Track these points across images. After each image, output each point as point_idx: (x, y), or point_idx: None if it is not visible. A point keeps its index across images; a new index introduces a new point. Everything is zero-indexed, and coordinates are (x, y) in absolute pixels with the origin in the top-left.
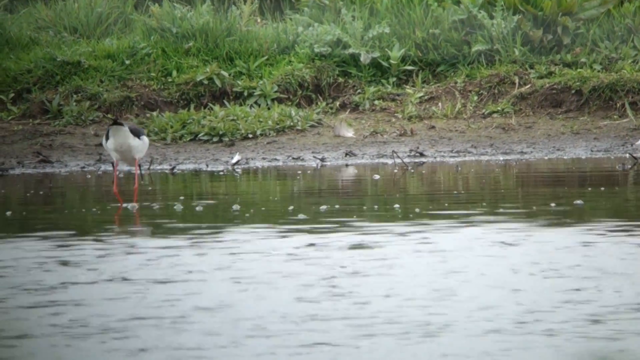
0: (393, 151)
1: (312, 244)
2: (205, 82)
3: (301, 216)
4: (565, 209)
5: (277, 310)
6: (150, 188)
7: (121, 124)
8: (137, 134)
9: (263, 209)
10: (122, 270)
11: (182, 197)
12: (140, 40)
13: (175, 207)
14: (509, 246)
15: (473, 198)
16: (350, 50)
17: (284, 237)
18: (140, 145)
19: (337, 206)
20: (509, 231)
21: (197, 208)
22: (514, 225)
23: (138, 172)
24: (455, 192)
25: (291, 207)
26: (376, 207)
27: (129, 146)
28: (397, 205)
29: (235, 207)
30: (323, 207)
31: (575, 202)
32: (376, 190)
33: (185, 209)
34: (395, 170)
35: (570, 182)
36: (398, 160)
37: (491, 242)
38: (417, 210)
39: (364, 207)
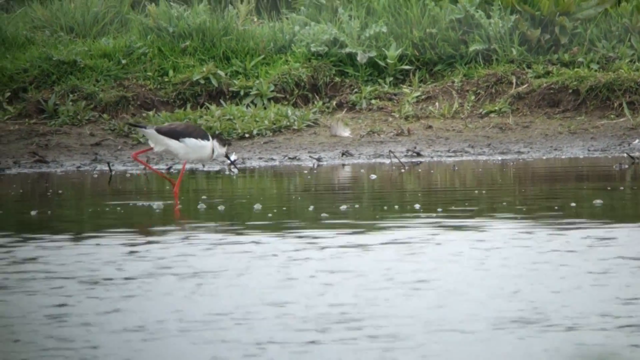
0: (390, 151)
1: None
2: (202, 81)
3: (324, 215)
4: (564, 210)
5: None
6: (167, 187)
7: (141, 126)
8: (174, 135)
9: (284, 208)
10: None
11: (204, 197)
12: (137, 40)
13: (198, 207)
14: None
15: (484, 198)
16: (347, 50)
17: (335, 234)
18: (180, 148)
19: (356, 206)
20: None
21: (220, 207)
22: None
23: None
24: (475, 191)
25: (311, 207)
26: (397, 207)
27: (166, 148)
28: (417, 206)
29: (257, 206)
30: (343, 207)
31: (595, 201)
32: (381, 188)
33: (209, 208)
34: (393, 169)
35: (567, 181)
36: (395, 160)
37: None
38: (438, 209)
39: (385, 207)
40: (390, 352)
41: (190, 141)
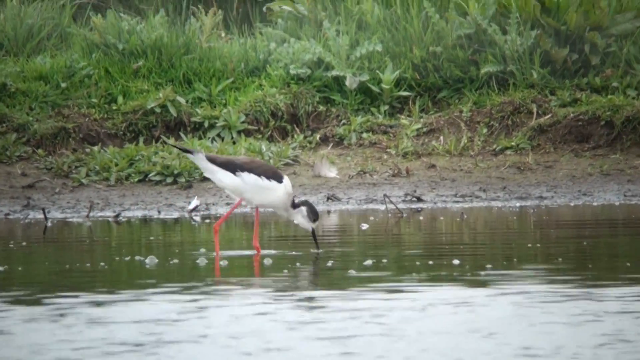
0: (385, 195)
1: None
2: (158, 110)
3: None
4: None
5: None
6: (106, 238)
7: (188, 150)
8: (230, 167)
9: (298, 264)
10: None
11: (202, 250)
12: (80, 59)
13: (198, 261)
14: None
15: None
16: (334, 72)
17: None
18: (235, 184)
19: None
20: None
21: (221, 263)
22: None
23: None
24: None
25: (330, 263)
26: (424, 263)
27: (219, 183)
28: (456, 262)
29: (267, 261)
30: (368, 262)
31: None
32: (374, 240)
33: (209, 263)
34: (389, 217)
35: (599, 233)
36: (391, 206)
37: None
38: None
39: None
40: None
41: (250, 177)
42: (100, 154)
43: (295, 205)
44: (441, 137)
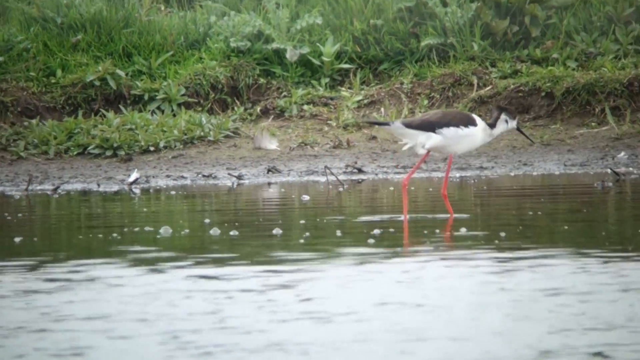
0: (326, 166)
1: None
2: (97, 83)
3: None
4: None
5: None
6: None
7: (383, 123)
8: (428, 127)
9: (307, 234)
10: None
11: (206, 223)
12: (17, 33)
13: (184, 233)
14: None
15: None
16: (274, 45)
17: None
18: (439, 141)
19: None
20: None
21: (231, 233)
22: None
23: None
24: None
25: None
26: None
27: (424, 144)
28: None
29: (277, 231)
30: (277, 231)
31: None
32: (315, 212)
33: (222, 234)
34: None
35: (538, 203)
36: (332, 178)
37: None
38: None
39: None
40: None
41: (449, 131)
42: (39, 127)
43: (493, 125)
44: (382, 109)
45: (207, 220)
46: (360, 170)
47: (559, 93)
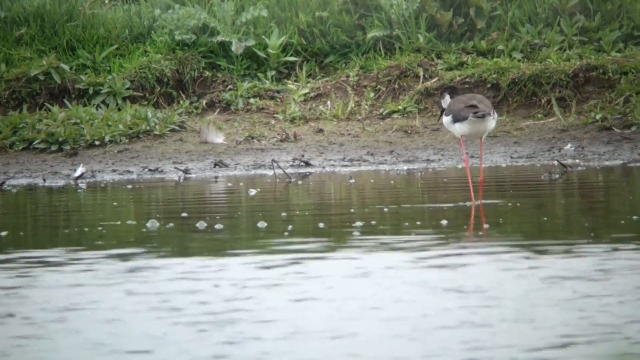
0: (273, 160)
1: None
2: (41, 77)
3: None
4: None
5: None
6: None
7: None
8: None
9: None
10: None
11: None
12: None
13: (197, 225)
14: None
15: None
16: (219, 38)
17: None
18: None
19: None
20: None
21: (217, 226)
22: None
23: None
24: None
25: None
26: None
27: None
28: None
29: (262, 224)
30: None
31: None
32: (262, 207)
33: (209, 227)
34: (277, 182)
35: (485, 195)
36: (279, 171)
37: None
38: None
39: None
40: None
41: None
42: None
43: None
44: (328, 102)
45: (184, 214)
46: (307, 164)
47: (504, 84)
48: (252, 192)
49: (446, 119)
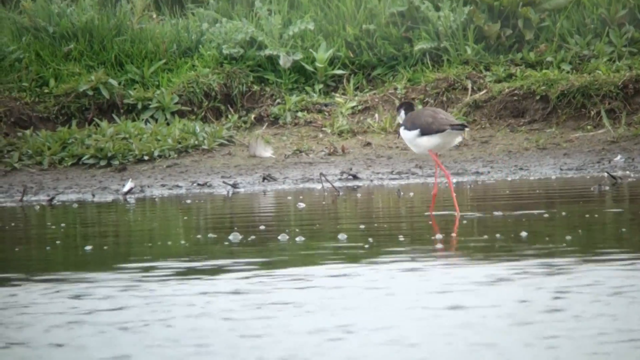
0: (321, 174)
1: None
2: (90, 92)
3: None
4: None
5: None
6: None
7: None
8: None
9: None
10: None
11: (263, 227)
12: (9, 42)
13: (279, 238)
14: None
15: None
16: (267, 52)
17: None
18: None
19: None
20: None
21: (297, 239)
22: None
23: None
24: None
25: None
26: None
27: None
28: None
29: (342, 236)
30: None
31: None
32: (312, 220)
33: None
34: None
35: (535, 207)
36: (327, 185)
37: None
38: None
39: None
40: None
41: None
42: (32, 138)
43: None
44: (376, 115)
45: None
46: (355, 177)
47: (553, 96)
48: (301, 205)
49: (410, 133)
